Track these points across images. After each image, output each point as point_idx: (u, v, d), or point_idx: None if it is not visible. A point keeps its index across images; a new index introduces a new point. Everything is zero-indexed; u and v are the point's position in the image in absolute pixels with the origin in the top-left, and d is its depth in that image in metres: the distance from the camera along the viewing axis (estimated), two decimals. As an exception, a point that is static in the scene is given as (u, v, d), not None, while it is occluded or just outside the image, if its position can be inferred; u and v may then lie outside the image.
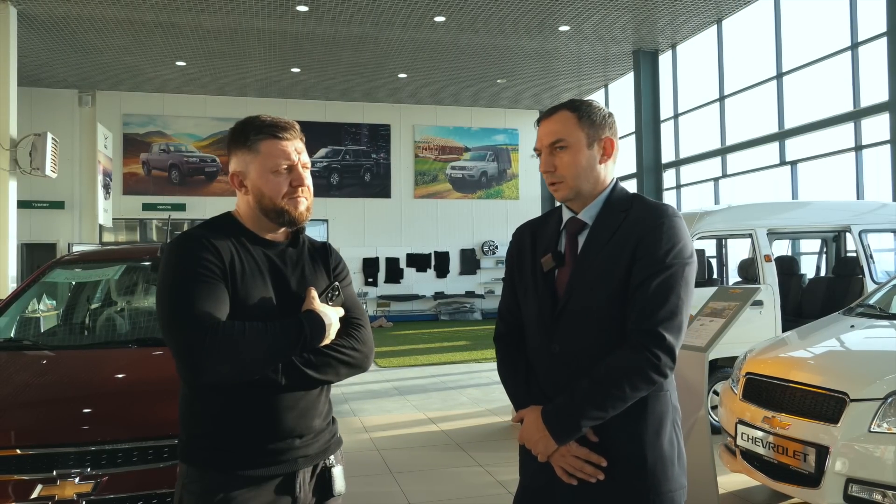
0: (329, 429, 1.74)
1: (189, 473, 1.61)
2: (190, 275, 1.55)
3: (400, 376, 8.86)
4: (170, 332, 1.53)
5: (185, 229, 1.87)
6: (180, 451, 1.66)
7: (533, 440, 1.64)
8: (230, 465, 1.59)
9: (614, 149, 1.73)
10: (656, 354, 1.55)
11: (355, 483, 1.54)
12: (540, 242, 1.78)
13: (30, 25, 11.41)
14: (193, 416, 1.64)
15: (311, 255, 1.77)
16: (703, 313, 3.93)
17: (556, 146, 1.69)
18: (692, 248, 1.66)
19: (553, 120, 1.71)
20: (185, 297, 1.52)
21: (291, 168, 1.66)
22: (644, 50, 13.46)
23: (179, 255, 1.59)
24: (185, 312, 1.51)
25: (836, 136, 10.01)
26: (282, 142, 1.66)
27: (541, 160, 1.73)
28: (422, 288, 17.53)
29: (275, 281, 1.66)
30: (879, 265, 6.25)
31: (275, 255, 1.70)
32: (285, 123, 1.68)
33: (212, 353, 1.47)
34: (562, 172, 1.69)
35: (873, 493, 2.99)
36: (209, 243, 1.60)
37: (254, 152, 1.65)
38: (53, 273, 4.12)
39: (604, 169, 1.72)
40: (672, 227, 1.62)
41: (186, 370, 1.51)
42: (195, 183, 16.50)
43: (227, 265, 1.59)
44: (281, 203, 1.65)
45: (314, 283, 1.70)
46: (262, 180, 1.64)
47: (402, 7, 11.05)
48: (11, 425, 2.53)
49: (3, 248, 10.04)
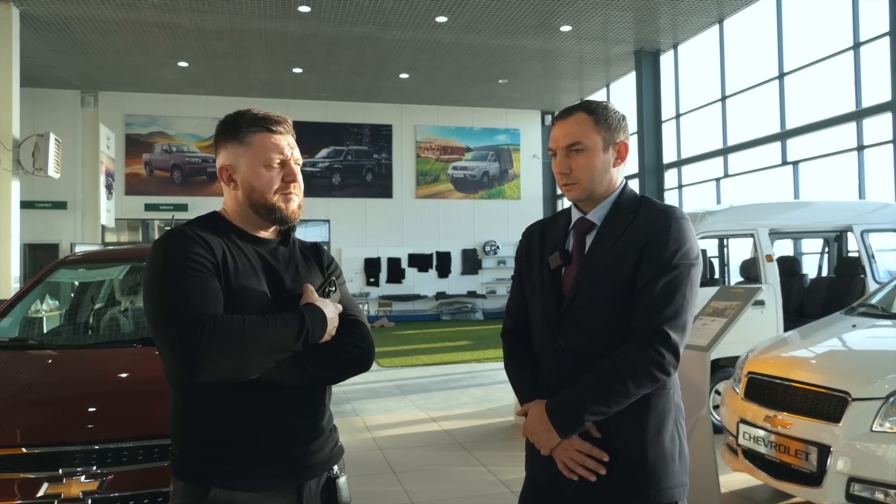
0: (332, 436, 1.67)
1: (188, 492, 1.49)
2: (181, 268, 1.44)
3: (402, 376, 8.87)
4: (162, 330, 1.41)
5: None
6: (174, 466, 1.54)
7: (536, 433, 1.66)
8: (235, 481, 1.48)
9: (628, 152, 1.76)
10: (660, 352, 1.57)
11: (358, 482, 1.54)
12: (548, 241, 1.80)
13: (32, 26, 11.43)
14: (189, 428, 1.52)
15: (304, 254, 1.71)
16: (705, 313, 3.94)
17: (573, 148, 1.70)
18: (699, 250, 1.68)
19: (570, 122, 1.72)
20: (177, 292, 1.41)
21: (284, 163, 1.60)
22: (646, 50, 13.45)
23: (169, 250, 1.48)
24: (178, 307, 1.40)
25: (837, 136, 10.00)
26: (275, 135, 1.59)
27: (555, 161, 1.74)
28: (423, 288, 17.53)
29: (269, 278, 1.58)
30: (881, 265, 6.25)
31: (266, 252, 1.62)
32: (278, 117, 1.61)
33: (210, 348, 1.36)
34: (577, 175, 1.70)
35: (875, 492, 2.99)
36: (200, 238, 1.51)
37: (245, 145, 1.58)
38: (58, 273, 4.14)
39: (616, 172, 1.75)
40: (680, 229, 1.64)
41: (182, 368, 1.38)
42: (197, 183, 16.52)
43: (220, 260, 1.50)
44: (272, 199, 1.58)
45: (309, 280, 1.63)
46: (252, 174, 1.57)
47: (404, 7, 11.06)
48: (17, 424, 2.54)
49: (6, 249, 10.07)
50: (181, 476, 1.52)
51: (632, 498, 1.61)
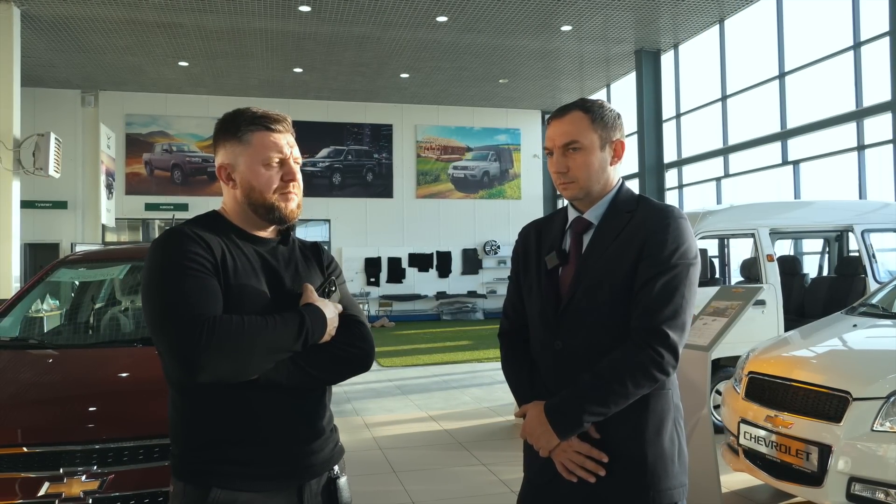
0: (332, 436, 1.66)
1: (188, 493, 1.49)
2: (180, 268, 1.43)
3: (402, 376, 8.87)
4: (160, 330, 1.40)
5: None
6: (174, 467, 1.54)
7: (535, 434, 1.64)
8: (235, 481, 1.48)
9: (624, 151, 1.75)
10: (659, 352, 1.57)
11: (358, 482, 1.54)
12: (545, 241, 1.79)
13: (33, 26, 11.44)
14: (189, 428, 1.52)
15: (303, 254, 1.69)
16: (706, 312, 3.93)
17: (570, 147, 1.69)
18: (697, 249, 1.68)
19: (566, 120, 1.71)
20: (176, 291, 1.41)
21: (283, 162, 1.59)
22: (646, 50, 13.45)
23: (168, 249, 1.47)
24: (177, 307, 1.39)
25: (838, 135, 10.00)
26: (274, 134, 1.58)
27: (552, 160, 1.73)
28: (424, 288, 17.54)
29: (268, 278, 1.57)
30: (882, 265, 6.25)
31: (266, 252, 1.61)
32: (277, 116, 1.60)
33: (210, 348, 1.35)
34: (575, 174, 1.70)
35: (876, 491, 2.99)
36: (198, 237, 1.50)
37: (244, 144, 1.57)
38: (58, 273, 4.14)
39: (613, 170, 1.75)
40: (678, 229, 1.64)
41: (181, 369, 1.38)
42: (197, 183, 16.52)
43: (219, 260, 1.49)
44: (271, 198, 1.57)
45: (309, 280, 1.62)
46: (251, 173, 1.56)
47: (405, 7, 11.06)
48: (18, 423, 2.54)
49: (6, 248, 10.07)
50: (181, 476, 1.52)
51: (631, 499, 1.61)
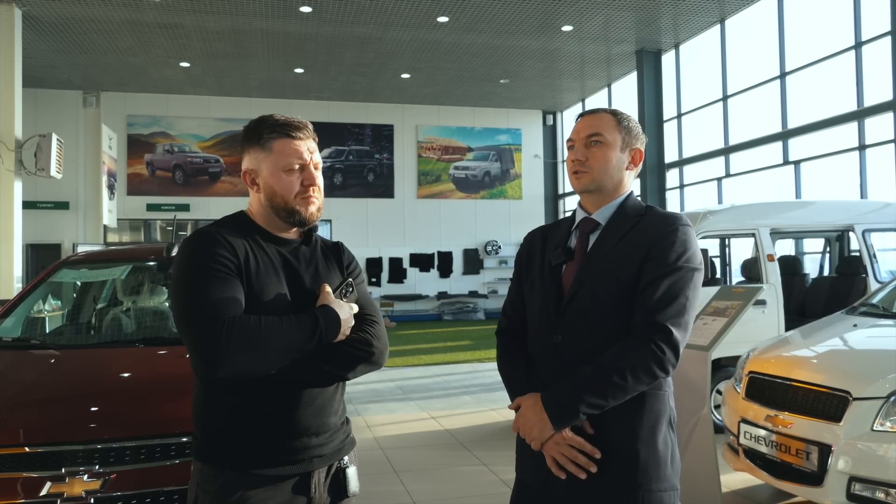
0: (343, 428, 1.75)
1: (204, 472, 1.60)
2: (205, 270, 1.54)
3: (404, 376, 8.88)
4: (186, 327, 1.52)
5: (189, 229, 1.83)
6: (194, 449, 1.65)
7: (529, 425, 1.64)
8: (246, 464, 1.58)
9: (641, 160, 1.81)
10: (661, 348, 1.58)
11: (360, 482, 1.56)
12: (550, 243, 1.82)
13: (34, 27, 11.46)
14: (208, 414, 1.63)
15: (324, 253, 1.78)
16: (706, 312, 3.94)
17: (593, 139, 1.75)
18: (701, 257, 1.72)
19: (594, 117, 1.79)
20: (200, 292, 1.52)
21: (303, 167, 1.67)
22: (647, 50, 13.45)
23: (195, 251, 1.58)
24: (201, 307, 1.50)
25: (839, 135, 10.00)
26: (295, 141, 1.66)
27: (572, 152, 1.78)
28: (425, 288, 17.55)
29: (289, 278, 1.66)
30: (883, 265, 6.25)
31: (288, 252, 1.70)
32: (299, 123, 1.69)
33: (229, 346, 1.46)
34: (591, 164, 1.75)
35: (876, 491, 3.00)
36: (224, 239, 1.60)
37: (266, 150, 1.65)
38: (60, 273, 4.15)
39: (627, 176, 1.80)
40: (685, 234, 1.68)
41: (203, 365, 1.49)
42: (199, 183, 16.54)
43: (242, 261, 1.59)
44: (292, 202, 1.66)
45: (328, 280, 1.71)
46: (273, 179, 1.65)
47: (405, 7, 11.07)
48: (20, 423, 2.55)
49: (8, 249, 10.09)
50: (199, 457, 1.63)
51: (621, 496, 1.60)
